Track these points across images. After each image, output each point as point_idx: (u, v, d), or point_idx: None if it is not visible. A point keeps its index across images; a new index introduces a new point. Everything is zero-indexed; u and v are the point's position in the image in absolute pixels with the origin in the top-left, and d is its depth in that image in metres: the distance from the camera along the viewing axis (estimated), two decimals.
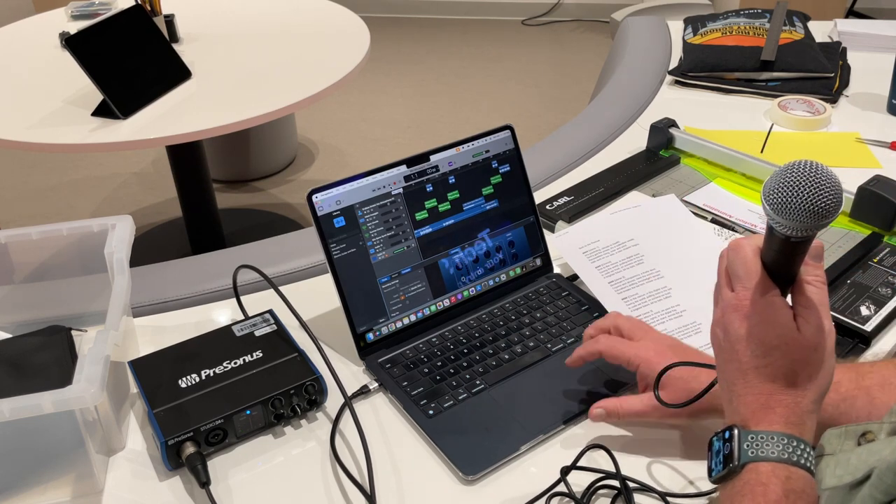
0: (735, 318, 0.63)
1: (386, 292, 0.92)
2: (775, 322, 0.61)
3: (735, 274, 0.64)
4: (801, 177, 0.57)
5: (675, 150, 1.32)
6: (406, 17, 4.60)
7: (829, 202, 0.56)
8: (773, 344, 0.61)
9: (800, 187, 0.57)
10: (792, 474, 0.58)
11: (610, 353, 0.81)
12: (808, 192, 0.56)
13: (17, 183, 3.06)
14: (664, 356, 0.78)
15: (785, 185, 0.57)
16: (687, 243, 1.03)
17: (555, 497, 0.75)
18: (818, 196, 0.56)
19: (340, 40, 2.08)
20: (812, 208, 0.56)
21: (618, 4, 4.30)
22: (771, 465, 0.58)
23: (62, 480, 0.77)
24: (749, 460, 0.59)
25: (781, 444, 0.59)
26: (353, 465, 0.80)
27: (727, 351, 0.64)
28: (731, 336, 0.63)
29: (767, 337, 0.61)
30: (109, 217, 0.93)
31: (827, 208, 0.56)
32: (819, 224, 0.57)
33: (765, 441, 0.59)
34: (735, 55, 1.57)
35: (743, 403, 0.62)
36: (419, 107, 3.54)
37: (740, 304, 0.63)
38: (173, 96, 1.82)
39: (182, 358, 0.86)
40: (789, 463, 0.58)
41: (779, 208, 0.58)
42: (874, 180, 1.11)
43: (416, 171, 0.94)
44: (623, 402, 0.79)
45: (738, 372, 0.63)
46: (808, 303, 0.62)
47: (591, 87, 2.78)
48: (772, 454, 0.58)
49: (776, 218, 0.58)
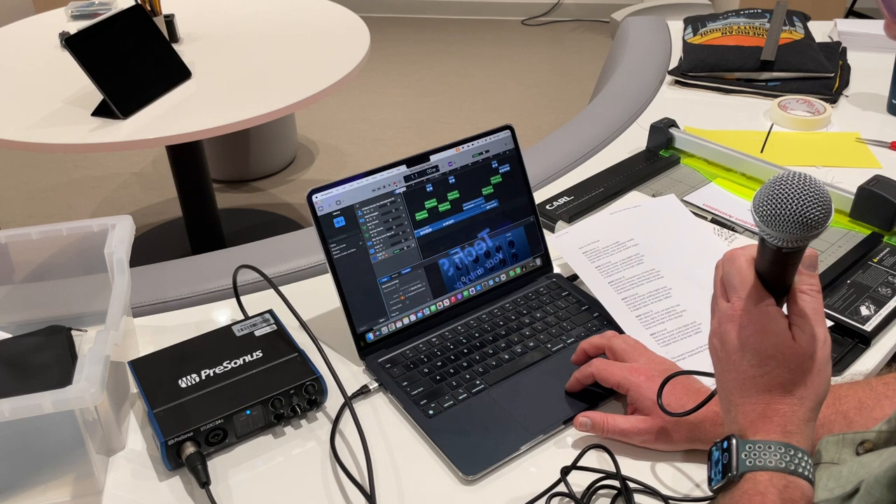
0: (731, 329, 0.63)
1: (386, 292, 0.92)
2: (770, 331, 0.61)
3: (730, 284, 0.64)
4: (789, 189, 0.58)
5: (675, 150, 1.32)
6: (406, 17, 4.60)
7: (817, 214, 0.57)
8: (769, 353, 0.61)
9: (788, 200, 0.57)
10: (790, 483, 0.58)
11: (601, 377, 0.82)
12: (796, 204, 0.57)
13: (17, 183, 3.06)
14: (654, 381, 0.78)
15: (773, 197, 0.58)
16: (687, 243, 1.03)
17: (555, 497, 0.75)
18: (806, 208, 0.57)
19: (340, 40, 2.08)
20: (800, 220, 0.57)
21: (618, 4, 4.30)
22: (769, 475, 0.58)
23: (62, 480, 0.77)
24: (747, 470, 0.59)
25: (779, 454, 0.59)
26: (353, 465, 0.80)
27: (724, 361, 0.64)
28: (728, 346, 0.63)
29: (763, 346, 0.61)
30: (109, 217, 0.93)
31: (815, 220, 0.57)
32: (808, 235, 0.58)
33: (762, 450, 0.59)
34: (735, 55, 1.57)
35: (741, 413, 0.62)
36: (419, 107, 3.54)
37: (735, 314, 0.63)
38: (173, 96, 1.82)
39: (182, 358, 0.86)
40: (787, 472, 0.58)
41: (768, 220, 0.58)
42: (874, 180, 1.11)
43: (416, 171, 0.94)
44: (609, 419, 0.80)
45: (735, 382, 0.63)
46: (802, 312, 0.62)
47: (591, 87, 2.78)
48: (769, 463, 0.58)
49: (766, 230, 0.59)
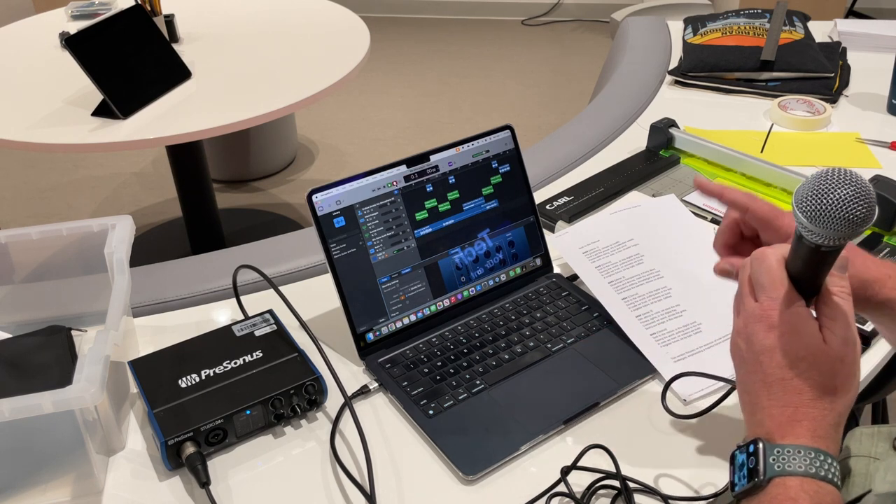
0: (759, 329, 0.61)
1: (386, 292, 0.92)
2: (802, 333, 0.60)
3: (759, 284, 0.63)
4: (835, 184, 0.56)
5: (675, 150, 1.32)
6: (406, 17, 4.60)
7: (863, 211, 0.56)
8: (800, 356, 0.60)
9: (834, 195, 0.56)
10: (820, 489, 0.57)
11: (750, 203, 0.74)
12: (842, 200, 0.55)
13: (17, 183, 3.06)
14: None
15: (819, 192, 0.56)
16: (687, 243, 1.03)
17: (555, 497, 0.75)
18: (853, 204, 0.55)
19: (340, 40, 2.08)
20: (846, 216, 0.56)
21: (618, 4, 4.30)
22: (799, 480, 0.57)
23: (62, 480, 0.77)
24: (776, 474, 0.58)
25: (809, 459, 0.57)
26: (353, 465, 0.80)
27: (750, 362, 0.62)
28: (756, 347, 0.62)
29: (794, 348, 0.60)
30: (109, 217, 0.93)
31: (861, 217, 0.56)
32: (853, 232, 0.56)
33: (791, 455, 0.58)
34: (735, 55, 1.57)
35: (768, 416, 0.60)
36: (419, 107, 3.54)
37: (765, 314, 0.61)
38: (173, 96, 1.82)
39: (182, 358, 0.86)
40: (817, 478, 0.57)
41: (813, 216, 0.57)
42: (874, 180, 1.11)
43: (416, 171, 0.94)
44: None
45: (762, 384, 0.61)
46: (834, 314, 0.61)
47: (591, 87, 2.78)
48: (799, 468, 0.57)
49: (809, 226, 0.57)
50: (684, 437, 0.81)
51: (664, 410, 0.83)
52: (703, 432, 0.82)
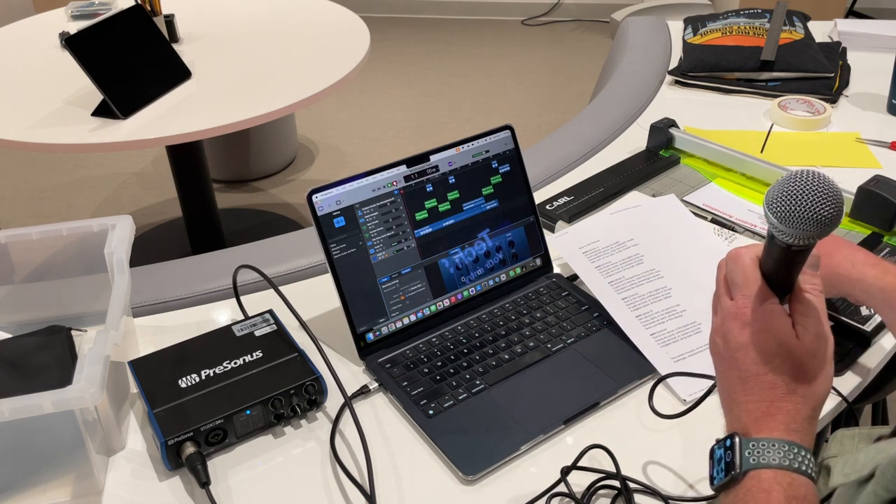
0: (734, 326, 0.63)
1: (386, 292, 0.92)
2: (775, 329, 0.62)
3: (734, 282, 0.65)
4: (803, 186, 0.58)
5: (675, 150, 1.32)
6: (406, 17, 4.60)
7: (831, 211, 0.57)
8: (773, 351, 0.61)
9: (802, 197, 0.58)
10: (794, 481, 0.58)
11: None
12: (810, 201, 0.57)
13: (17, 183, 3.06)
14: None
15: (787, 194, 0.58)
16: (687, 243, 1.03)
17: (555, 497, 0.75)
18: (820, 205, 0.57)
19: (340, 40, 2.08)
20: (813, 217, 0.57)
21: (618, 4, 4.30)
22: (773, 472, 0.58)
23: (62, 480, 0.77)
24: (751, 467, 0.59)
25: (783, 451, 0.59)
26: (353, 465, 0.80)
27: (727, 359, 0.64)
28: (731, 344, 0.63)
29: (767, 344, 0.61)
30: (109, 217, 0.93)
31: (828, 217, 0.58)
32: (821, 232, 0.58)
33: (766, 448, 0.59)
34: (735, 55, 1.57)
35: (744, 411, 0.62)
36: (419, 107, 3.54)
37: (739, 312, 0.63)
38: (173, 96, 1.82)
39: (182, 358, 0.86)
40: (791, 469, 0.58)
41: (782, 217, 0.59)
42: (874, 180, 1.11)
43: (416, 171, 0.94)
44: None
45: (738, 380, 0.63)
46: (806, 311, 0.62)
47: (591, 87, 2.78)
48: (773, 461, 0.58)
49: (778, 226, 0.59)
50: (684, 437, 0.81)
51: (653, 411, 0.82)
52: (703, 432, 0.82)
